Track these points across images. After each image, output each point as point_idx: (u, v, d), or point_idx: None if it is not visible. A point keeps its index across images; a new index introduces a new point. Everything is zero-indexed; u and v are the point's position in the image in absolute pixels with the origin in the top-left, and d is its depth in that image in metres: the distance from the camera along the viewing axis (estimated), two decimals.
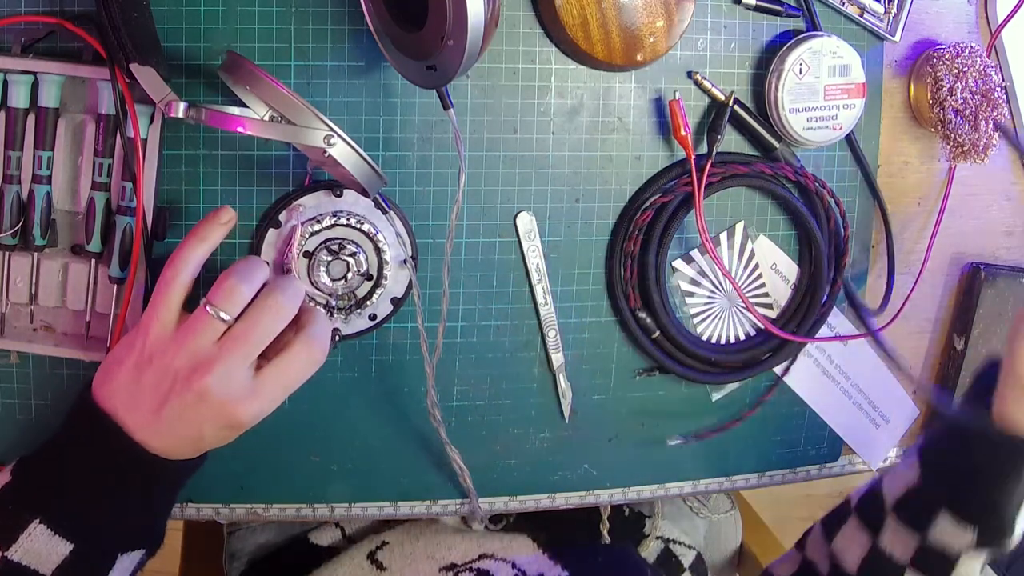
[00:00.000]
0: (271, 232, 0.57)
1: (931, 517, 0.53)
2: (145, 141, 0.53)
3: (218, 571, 0.79)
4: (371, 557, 0.70)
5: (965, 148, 0.65)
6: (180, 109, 0.47)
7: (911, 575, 0.54)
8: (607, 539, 0.75)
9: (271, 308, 0.47)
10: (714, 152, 0.61)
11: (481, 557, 0.68)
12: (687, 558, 0.80)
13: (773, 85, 0.61)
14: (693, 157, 0.60)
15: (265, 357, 0.48)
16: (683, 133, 0.59)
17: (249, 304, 0.48)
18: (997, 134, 0.64)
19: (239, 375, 0.47)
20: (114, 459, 0.47)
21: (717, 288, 0.66)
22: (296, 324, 0.50)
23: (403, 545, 0.70)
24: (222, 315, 0.47)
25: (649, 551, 0.78)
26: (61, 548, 0.46)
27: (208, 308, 0.47)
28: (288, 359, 0.48)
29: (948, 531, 0.52)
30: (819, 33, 0.61)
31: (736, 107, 0.61)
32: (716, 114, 0.61)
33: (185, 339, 0.47)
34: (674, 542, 0.80)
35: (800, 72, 0.60)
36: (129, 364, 0.48)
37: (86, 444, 0.48)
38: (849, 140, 0.65)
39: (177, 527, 0.90)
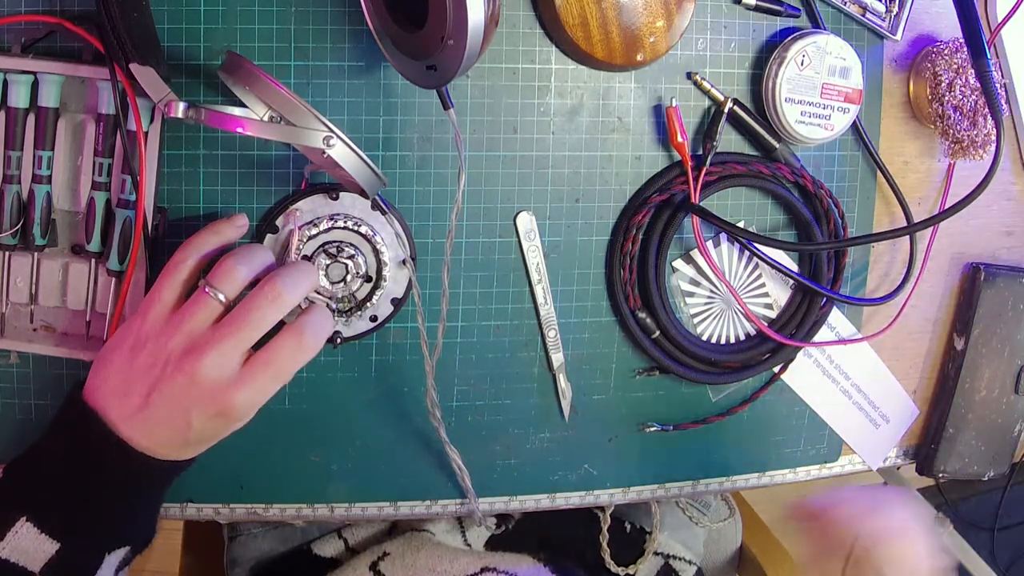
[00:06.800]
0: (268, 237, 0.57)
1: None
2: (146, 134, 0.53)
3: (218, 572, 0.79)
4: (373, 567, 0.69)
5: (964, 144, 0.65)
6: (180, 109, 0.47)
7: None
8: (607, 551, 0.75)
9: (269, 294, 0.47)
10: (708, 160, 0.61)
11: (483, 570, 0.68)
12: (687, 573, 0.80)
13: (773, 71, 0.61)
14: (690, 164, 0.60)
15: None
16: (680, 140, 0.60)
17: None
18: (995, 131, 0.64)
19: (232, 361, 0.46)
20: (98, 457, 0.47)
21: (717, 288, 0.66)
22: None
23: (404, 556, 0.70)
24: (219, 296, 0.47)
25: (648, 568, 0.78)
26: (47, 547, 0.46)
27: (206, 288, 0.47)
28: (276, 346, 0.47)
29: None
30: (825, 31, 0.61)
31: (735, 108, 0.61)
32: (712, 121, 0.62)
33: (181, 320, 0.47)
34: (674, 558, 0.80)
35: (801, 64, 0.60)
36: (125, 347, 0.48)
37: (71, 442, 0.48)
38: (859, 135, 0.65)
39: (177, 527, 0.89)
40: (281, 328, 0.48)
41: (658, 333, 0.63)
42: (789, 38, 0.61)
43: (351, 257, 0.57)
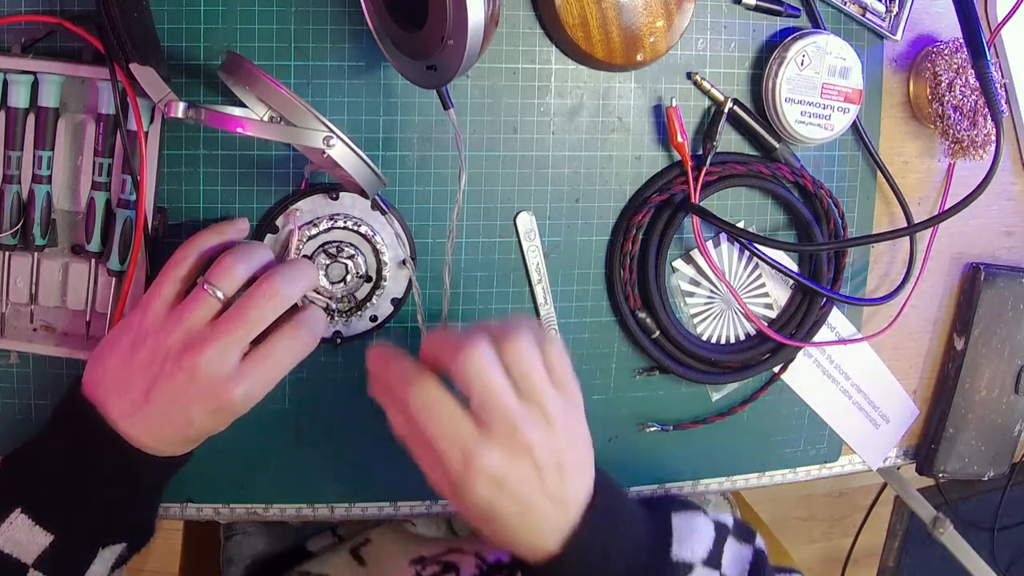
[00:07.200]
0: (268, 237, 0.57)
1: None
2: (146, 134, 0.53)
3: (217, 571, 0.79)
4: (354, 552, 0.70)
5: (964, 144, 0.65)
6: (180, 109, 0.47)
7: None
8: None
9: (266, 292, 0.47)
10: (708, 160, 0.61)
11: (449, 551, 0.69)
12: None
13: (773, 71, 0.61)
14: (690, 164, 0.60)
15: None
16: (680, 140, 0.60)
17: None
18: (995, 131, 0.64)
19: (231, 357, 0.47)
20: (96, 452, 0.47)
21: (717, 288, 0.66)
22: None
23: (382, 542, 0.71)
24: (217, 293, 0.47)
25: None
26: (41, 539, 0.46)
27: (205, 286, 0.47)
28: (275, 341, 0.48)
29: None
30: (825, 31, 0.61)
31: (735, 108, 0.61)
32: (712, 121, 0.62)
33: (180, 316, 0.47)
34: None
35: (801, 64, 0.60)
36: (124, 344, 0.48)
37: (69, 436, 0.48)
38: (859, 135, 0.65)
39: (177, 527, 0.90)
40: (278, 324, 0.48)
41: (658, 333, 0.63)
42: (789, 38, 0.61)
43: (351, 257, 0.57)
